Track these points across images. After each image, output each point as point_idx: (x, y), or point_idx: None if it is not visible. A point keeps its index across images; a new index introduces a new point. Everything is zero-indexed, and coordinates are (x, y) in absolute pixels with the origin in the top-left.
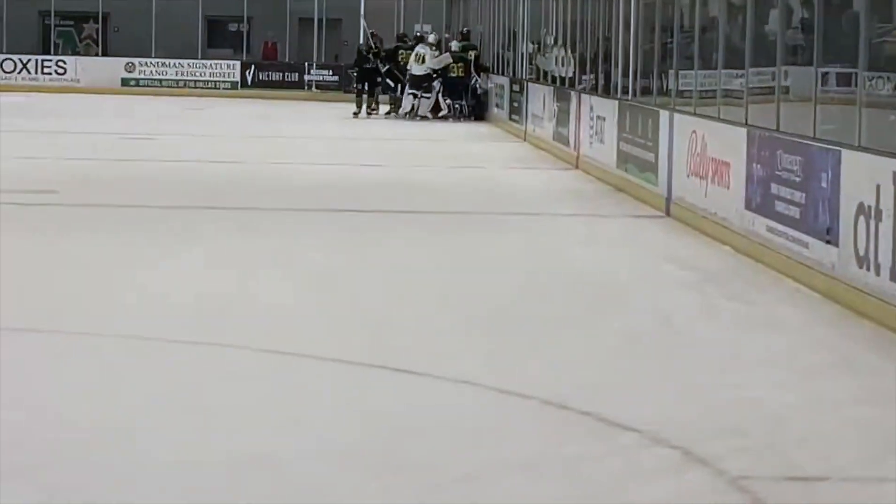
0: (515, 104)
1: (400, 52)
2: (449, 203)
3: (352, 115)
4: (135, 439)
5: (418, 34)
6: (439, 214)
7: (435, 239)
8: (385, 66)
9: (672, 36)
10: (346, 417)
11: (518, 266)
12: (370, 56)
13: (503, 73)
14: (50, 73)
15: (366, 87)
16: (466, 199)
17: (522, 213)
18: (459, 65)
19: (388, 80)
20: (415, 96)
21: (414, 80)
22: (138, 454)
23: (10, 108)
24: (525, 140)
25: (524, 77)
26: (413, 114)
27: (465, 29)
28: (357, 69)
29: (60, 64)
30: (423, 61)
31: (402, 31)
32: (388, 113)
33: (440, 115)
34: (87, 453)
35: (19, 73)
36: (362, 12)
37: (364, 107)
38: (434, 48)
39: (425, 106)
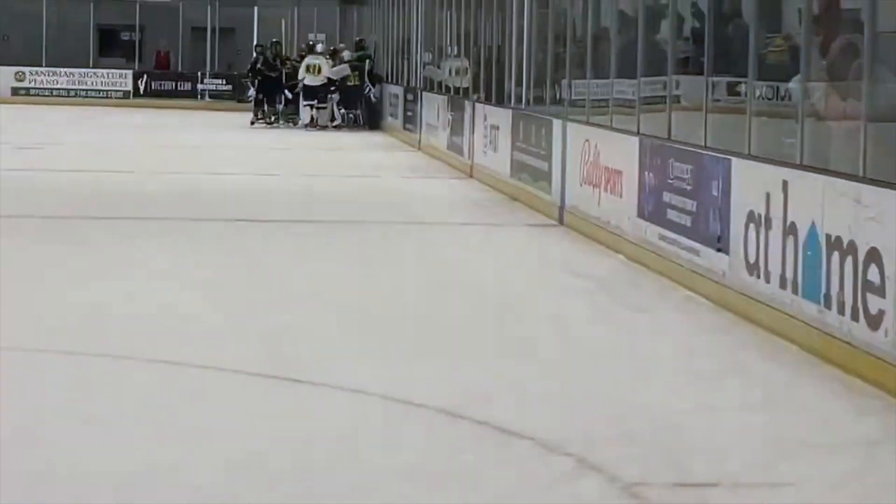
0: (409, 113)
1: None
2: (344, 212)
3: (249, 124)
4: (33, 450)
5: (311, 43)
6: (334, 224)
7: (330, 248)
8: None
9: (565, 45)
10: (241, 428)
11: (413, 275)
12: (277, 65)
13: (397, 82)
14: None
15: (263, 97)
16: (361, 208)
17: (417, 222)
18: (355, 73)
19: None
20: (311, 107)
21: (309, 91)
22: (36, 464)
23: None
24: (419, 149)
25: (418, 86)
26: (312, 125)
27: (358, 38)
28: (257, 77)
29: None
30: (319, 72)
31: (310, 42)
32: (270, 122)
33: (334, 124)
34: None
35: None
36: (255, 20)
37: (259, 116)
38: (328, 58)
39: (324, 116)
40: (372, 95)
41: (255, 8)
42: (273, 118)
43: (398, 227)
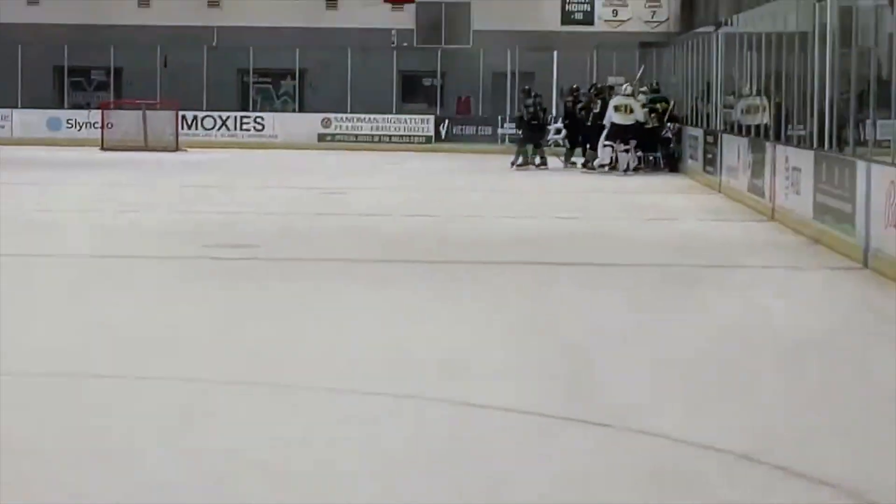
0: (709, 155)
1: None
2: (643, 255)
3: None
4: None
5: (600, 85)
6: (634, 267)
7: (630, 292)
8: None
9: (868, 85)
10: (530, 470)
11: (713, 318)
12: (577, 109)
13: (697, 125)
14: (249, 130)
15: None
16: (661, 252)
17: (717, 266)
18: (652, 115)
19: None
20: (613, 149)
21: (616, 131)
22: None
23: (211, 164)
24: (720, 192)
25: (718, 128)
26: (611, 166)
27: (654, 82)
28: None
29: (259, 120)
30: (630, 111)
31: (597, 84)
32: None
33: (634, 167)
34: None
35: (219, 129)
36: (555, 64)
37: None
38: (636, 99)
39: (625, 159)
40: (671, 137)
41: (555, 52)
42: (522, 160)
43: (698, 269)
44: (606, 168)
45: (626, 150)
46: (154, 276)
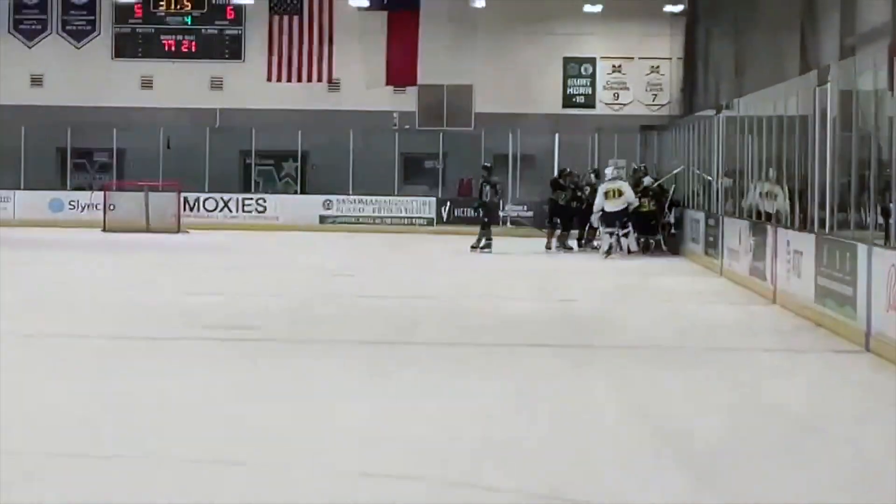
0: (711, 238)
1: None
2: (644, 337)
3: (544, 249)
4: None
5: (594, 170)
6: (634, 349)
7: (631, 373)
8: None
9: (869, 168)
10: None
11: (716, 400)
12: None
13: (698, 208)
14: (251, 211)
15: (557, 223)
16: (661, 334)
17: (719, 348)
18: (652, 201)
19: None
20: (611, 234)
21: (608, 217)
22: None
23: (213, 245)
24: (721, 275)
25: (719, 211)
26: (613, 251)
27: (643, 165)
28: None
29: (261, 202)
30: (618, 195)
31: (593, 168)
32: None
33: (632, 251)
34: None
35: (221, 211)
36: (556, 147)
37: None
38: (624, 181)
39: (631, 242)
40: (670, 220)
41: (556, 135)
42: (558, 244)
43: (699, 352)
44: (606, 255)
45: (626, 235)
46: (154, 356)
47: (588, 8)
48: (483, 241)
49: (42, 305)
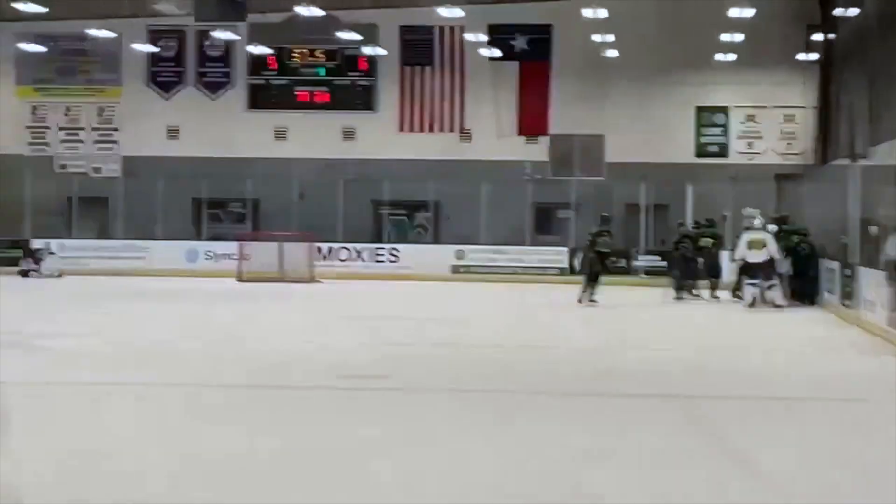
0: (847, 289)
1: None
2: (775, 389)
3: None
4: None
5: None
6: (768, 400)
7: (762, 427)
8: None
9: None
10: None
11: (854, 456)
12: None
13: (834, 258)
14: (383, 261)
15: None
16: (796, 385)
17: (854, 400)
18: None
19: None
20: (755, 286)
21: (750, 269)
22: None
23: (347, 295)
24: (858, 326)
25: (856, 261)
26: (759, 302)
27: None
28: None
29: (393, 252)
30: (763, 246)
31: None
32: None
33: (778, 303)
34: None
35: (354, 261)
36: (689, 197)
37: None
38: (769, 232)
39: (778, 295)
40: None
41: (688, 185)
42: (681, 292)
43: (836, 404)
44: (750, 306)
45: (771, 287)
46: (288, 406)
47: (720, 57)
48: (590, 293)
49: (172, 356)
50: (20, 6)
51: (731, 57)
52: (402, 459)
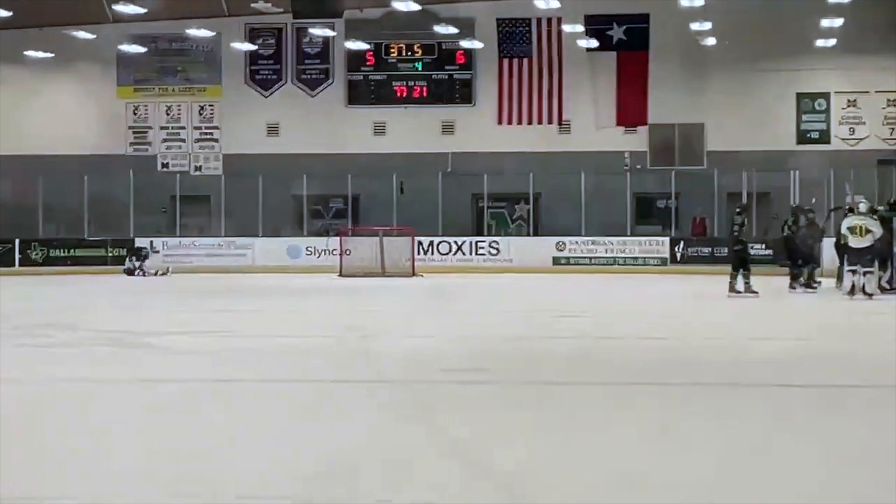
0: None
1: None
2: (876, 378)
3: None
4: None
5: (847, 205)
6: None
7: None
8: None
9: None
10: None
11: None
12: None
13: None
14: (484, 254)
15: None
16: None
17: None
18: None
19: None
20: (854, 272)
21: (854, 254)
22: None
23: (446, 288)
24: None
25: None
26: (855, 291)
27: (893, 199)
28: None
29: (494, 244)
30: (867, 232)
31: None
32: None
33: (868, 292)
34: None
35: (454, 254)
36: (794, 185)
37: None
38: (874, 218)
39: (871, 282)
40: None
41: (791, 172)
42: (798, 283)
43: None
44: (849, 295)
45: (869, 273)
46: (393, 399)
47: (821, 43)
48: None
49: (275, 352)
50: (120, 7)
51: (831, 42)
52: (511, 451)
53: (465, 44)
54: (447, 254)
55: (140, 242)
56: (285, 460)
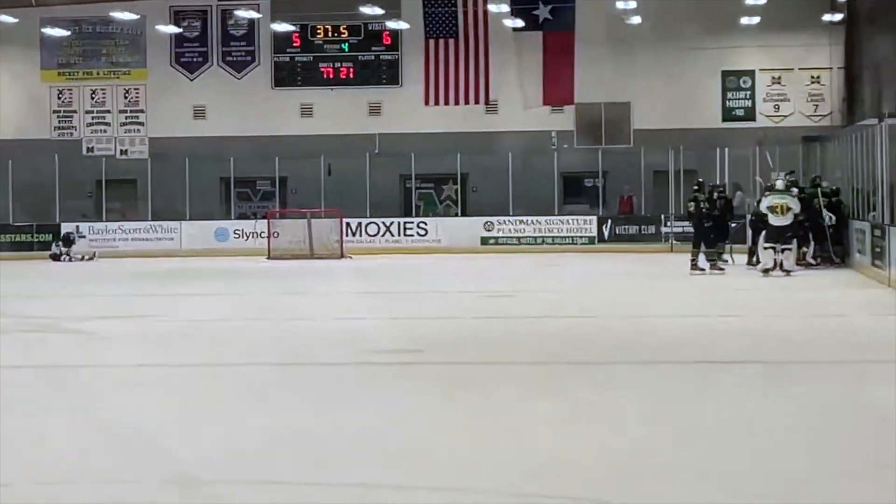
0: (877, 249)
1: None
2: (806, 352)
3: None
4: None
5: (768, 183)
6: (796, 364)
7: (792, 390)
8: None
9: None
10: None
11: (888, 417)
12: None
13: (862, 218)
14: (412, 235)
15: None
16: (830, 349)
17: (887, 362)
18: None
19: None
20: (774, 250)
21: (774, 232)
22: None
23: (375, 270)
24: (889, 286)
25: (885, 221)
26: (773, 268)
27: (815, 177)
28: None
29: (422, 225)
30: (787, 210)
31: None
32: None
33: (787, 269)
34: None
35: (382, 235)
36: (720, 162)
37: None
38: (792, 195)
39: (790, 259)
40: (829, 226)
41: (717, 149)
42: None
43: (865, 366)
44: (769, 272)
45: (787, 250)
46: (325, 382)
47: (745, 21)
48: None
49: (203, 336)
50: None
51: (756, 20)
52: (449, 435)
53: (391, 24)
54: (375, 235)
55: (66, 227)
56: (220, 441)
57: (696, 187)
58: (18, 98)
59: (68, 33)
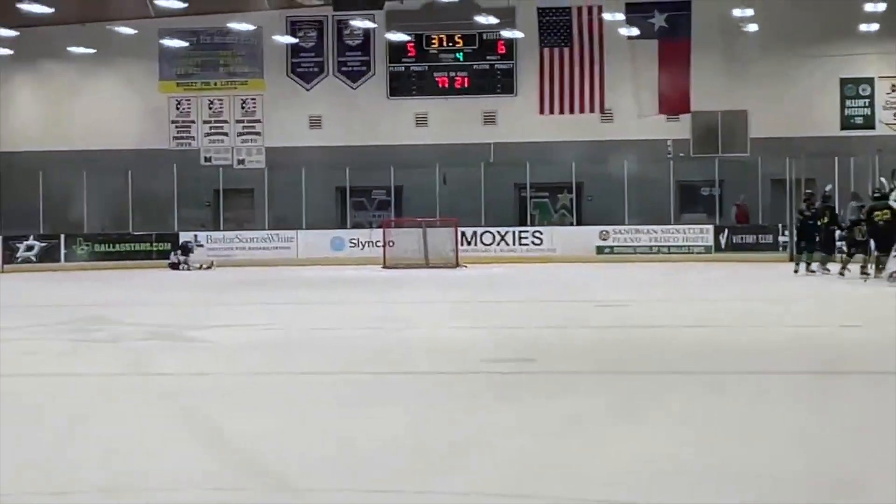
0: None
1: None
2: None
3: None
4: None
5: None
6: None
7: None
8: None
9: None
10: None
11: None
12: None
13: None
14: (527, 244)
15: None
16: None
17: None
18: None
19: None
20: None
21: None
22: None
23: (491, 279)
24: None
25: None
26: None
27: None
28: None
29: (537, 234)
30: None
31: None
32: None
33: None
34: None
35: (497, 244)
36: (836, 171)
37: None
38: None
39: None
40: None
41: (836, 158)
42: (808, 265)
43: None
44: (892, 278)
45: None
46: (438, 390)
47: (864, 27)
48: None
49: (317, 344)
50: (162, 2)
51: (875, 27)
52: (553, 442)
53: (505, 34)
54: (490, 244)
55: (184, 236)
56: (329, 449)
57: (804, 198)
58: (138, 109)
59: (186, 44)
